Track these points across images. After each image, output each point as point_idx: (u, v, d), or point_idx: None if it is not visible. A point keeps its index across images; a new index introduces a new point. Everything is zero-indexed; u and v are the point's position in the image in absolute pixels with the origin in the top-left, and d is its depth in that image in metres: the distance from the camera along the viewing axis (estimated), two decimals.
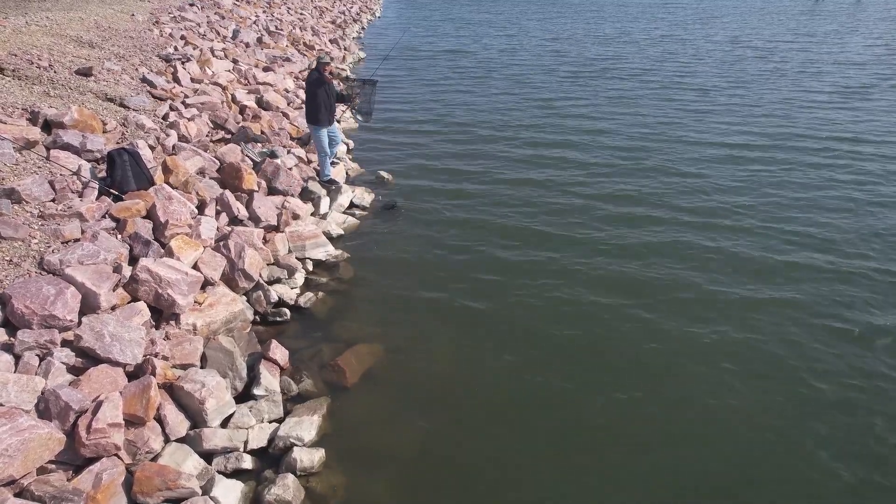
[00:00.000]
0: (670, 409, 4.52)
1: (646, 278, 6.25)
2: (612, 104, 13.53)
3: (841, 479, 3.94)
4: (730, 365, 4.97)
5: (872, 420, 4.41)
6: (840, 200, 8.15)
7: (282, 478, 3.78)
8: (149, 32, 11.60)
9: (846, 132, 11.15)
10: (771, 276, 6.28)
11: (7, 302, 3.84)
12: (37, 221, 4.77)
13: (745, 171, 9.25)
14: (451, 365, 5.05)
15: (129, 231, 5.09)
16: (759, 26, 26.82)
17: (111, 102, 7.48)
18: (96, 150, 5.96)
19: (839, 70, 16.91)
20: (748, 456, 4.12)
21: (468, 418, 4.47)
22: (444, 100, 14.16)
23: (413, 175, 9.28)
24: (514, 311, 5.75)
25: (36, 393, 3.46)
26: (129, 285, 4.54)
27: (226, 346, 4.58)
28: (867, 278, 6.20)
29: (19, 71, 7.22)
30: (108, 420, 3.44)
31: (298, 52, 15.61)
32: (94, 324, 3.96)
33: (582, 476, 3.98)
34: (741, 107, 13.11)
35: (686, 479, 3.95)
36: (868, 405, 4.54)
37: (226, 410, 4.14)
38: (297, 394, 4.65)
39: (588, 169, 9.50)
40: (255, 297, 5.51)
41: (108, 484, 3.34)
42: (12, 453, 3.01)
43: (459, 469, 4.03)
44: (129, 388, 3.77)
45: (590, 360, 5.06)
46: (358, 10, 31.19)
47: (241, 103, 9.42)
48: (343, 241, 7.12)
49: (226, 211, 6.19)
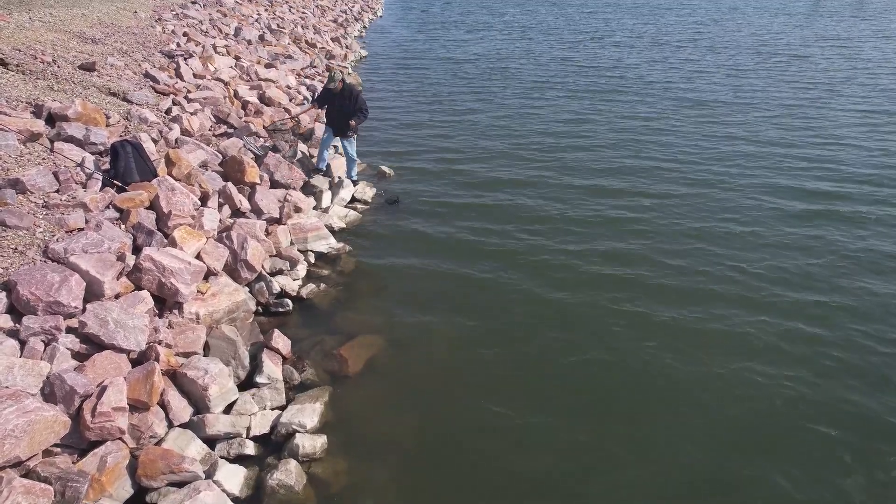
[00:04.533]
0: (672, 407, 4.52)
1: (650, 275, 6.25)
2: (614, 101, 13.57)
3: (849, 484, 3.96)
4: (743, 368, 4.88)
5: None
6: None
7: (284, 463, 3.82)
8: (151, 29, 11.64)
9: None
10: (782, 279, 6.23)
11: (13, 288, 3.87)
12: (41, 211, 4.80)
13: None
14: (451, 356, 5.08)
15: (132, 221, 5.13)
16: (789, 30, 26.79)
17: (114, 97, 7.52)
18: (100, 142, 5.99)
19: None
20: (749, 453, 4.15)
21: (468, 408, 4.50)
22: (446, 95, 14.20)
23: (414, 170, 9.32)
24: (515, 304, 5.77)
25: (41, 377, 3.50)
26: (133, 274, 4.57)
27: (228, 335, 4.62)
28: (873, 293, 6.03)
29: (23, 66, 7.26)
30: (112, 404, 3.48)
31: (300, 51, 15.65)
32: (99, 311, 4.00)
33: (581, 466, 4.01)
34: (742, 105, 13.16)
35: (691, 476, 3.97)
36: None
37: (229, 397, 4.17)
38: (299, 382, 4.68)
39: (592, 163, 9.54)
40: (257, 288, 5.54)
41: (113, 467, 3.37)
42: (18, 434, 3.04)
43: (459, 457, 4.07)
44: (133, 373, 3.81)
45: (591, 356, 5.08)
46: (360, 9, 31.25)
47: (244, 99, 9.46)
48: (345, 234, 7.16)
49: (228, 203, 6.23)
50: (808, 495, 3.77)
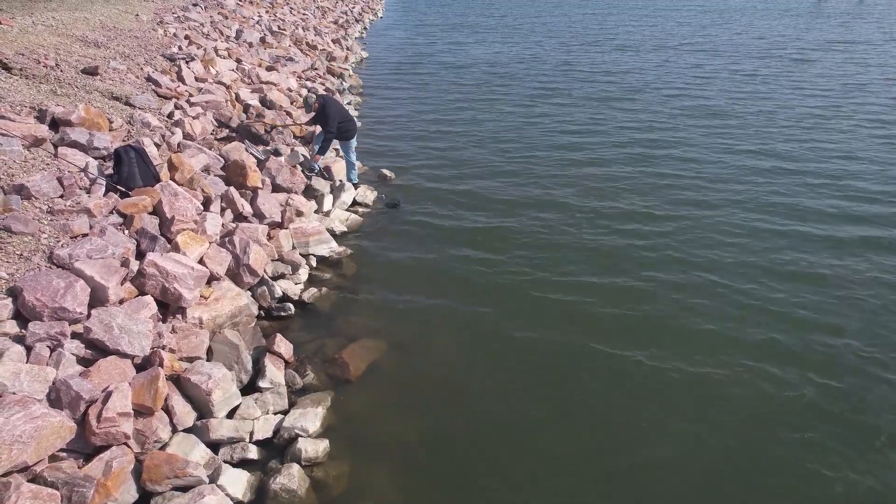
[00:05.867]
0: (677, 413, 4.52)
1: (651, 282, 6.27)
2: (620, 109, 13.58)
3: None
4: (754, 375, 4.87)
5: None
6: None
7: (287, 467, 3.86)
8: (153, 32, 11.68)
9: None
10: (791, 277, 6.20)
11: (19, 294, 3.92)
12: (46, 217, 4.84)
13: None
14: (453, 360, 5.12)
15: (135, 226, 5.17)
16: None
17: (117, 101, 7.56)
18: (103, 147, 6.03)
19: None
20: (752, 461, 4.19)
21: (469, 412, 4.54)
22: (447, 97, 14.25)
23: (415, 173, 9.36)
24: (515, 307, 5.81)
25: (47, 383, 3.54)
26: (137, 279, 4.62)
27: (231, 340, 4.66)
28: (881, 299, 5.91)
29: (26, 70, 7.31)
30: (117, 409, 3.52)
31: (301, 52, 15.69)
32: (103, 316, 4.04)
33: (584, 469, 4.05)
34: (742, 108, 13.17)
35: (692, 477, 4.01)
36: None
37: (232, 402, 4.21)
38: (301, 387, 4.73)
39: (595, 166, 9.56)
40: (259, 293, 5.59)
41: (118, 471, 3.42)
42: (26, 440, 3.09)
43: (461, 460, 4.11)
44: (137, 378, 3.85)
45: (590, 357, 5.12)
46: (360, 11, 31.30)
47: (245, 102, 9.50)
48: (346, 237, 7.20)
49: (231, 207, 6.27)
50: (808, 495, 3.82)
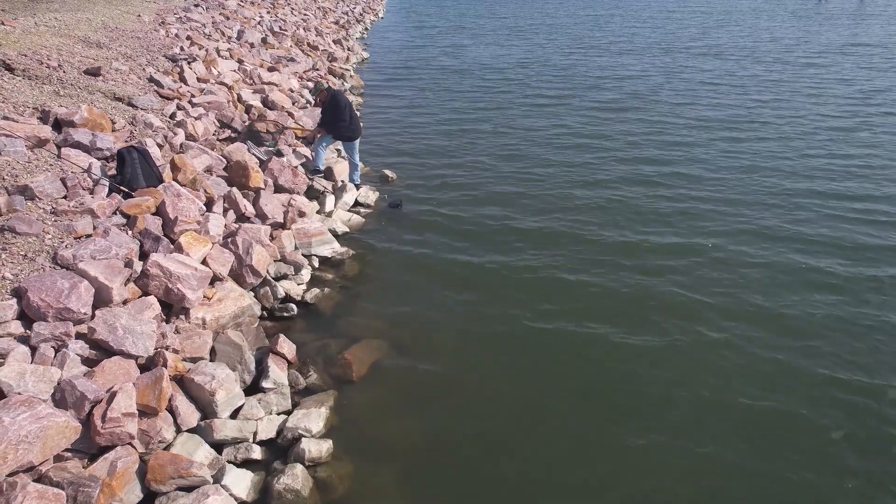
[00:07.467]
0: (681, 418, 4.49)
1: (662, 285, 6.20)
2: (619, 104, 13.59)
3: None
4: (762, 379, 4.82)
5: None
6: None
7: (290, 467, 3.87)
8: (155, 33, 11.70)
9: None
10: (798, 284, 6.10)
11: (23, 295, 3.93)
12: (50, 217, 4.86)
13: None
14: (455, 360, 5.13)
15: (139, 227, 5.18)
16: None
17: (119, 102, 7.57)
18: (106, 148, 6.05)
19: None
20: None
21: (472, 411, 4.55)
22: (448, 98, 14.26)
23: (417, 174, 9.37)
24: (518, 307, 5.82)
25: (52, 383, 3.55)
26: (140, 280, 4.63)
27: (234, 340, 4.67)
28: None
29: (29, 71, 7.33)
30: (122, 410, 3.54)
31: (302, 53, 15.71)
32: (108, 317, 4.05)
33: (586, 472, 4.06)
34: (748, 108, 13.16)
35: (694, 479, 4.01)
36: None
37: (235, 402, 4.22)
38: (304, 387, 4.74)
39: (598, 168, 9.55)
40: (262, 293, 5.60)
41: (123, 471, 3.43)
42: (31, 440, 3.10)
43: (463, 460, 4.11)
44: (141, 379, 3.87)
45: (593, 356, 5.13)
46: (361, 11, 31.32)
47: (247, 102, 9.53)
48: (348, 238, 7.21)
49: (233, 208, 6.29)
50: (809, 495, 3.83)
